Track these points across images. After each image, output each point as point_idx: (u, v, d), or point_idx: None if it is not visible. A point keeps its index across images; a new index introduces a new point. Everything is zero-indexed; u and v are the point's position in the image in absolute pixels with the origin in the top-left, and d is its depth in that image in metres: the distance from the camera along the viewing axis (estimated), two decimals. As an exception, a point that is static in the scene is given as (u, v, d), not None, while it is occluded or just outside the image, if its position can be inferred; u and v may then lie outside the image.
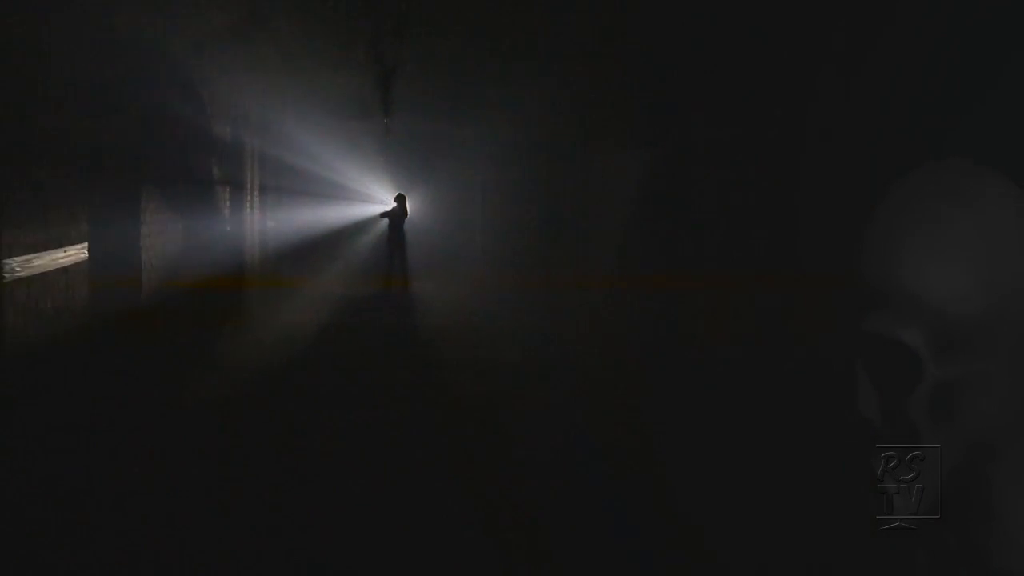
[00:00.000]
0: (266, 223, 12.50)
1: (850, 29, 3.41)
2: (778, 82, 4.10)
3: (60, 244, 4.97)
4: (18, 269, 4.32)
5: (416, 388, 7.79)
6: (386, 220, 17.53)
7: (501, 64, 9.02)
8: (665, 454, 5.07)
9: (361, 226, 20.59)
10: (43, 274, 4.71)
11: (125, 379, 5.97)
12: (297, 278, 14.66)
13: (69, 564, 3.91)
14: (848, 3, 3.49)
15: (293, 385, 7.89)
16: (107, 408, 5.62)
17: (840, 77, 3.44)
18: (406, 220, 17.61)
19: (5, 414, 4.28)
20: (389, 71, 9.36)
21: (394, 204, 17.54)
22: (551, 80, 9.24)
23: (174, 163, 7.72)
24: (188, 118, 8.07)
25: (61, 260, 4.97)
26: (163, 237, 7.21)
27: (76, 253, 5.20)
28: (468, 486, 5.12)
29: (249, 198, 11.24)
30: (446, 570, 4.02)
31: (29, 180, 4.55)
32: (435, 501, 4.83)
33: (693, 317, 5.29)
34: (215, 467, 5.32)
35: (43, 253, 4.71)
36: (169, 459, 5.42)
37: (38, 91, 4.71)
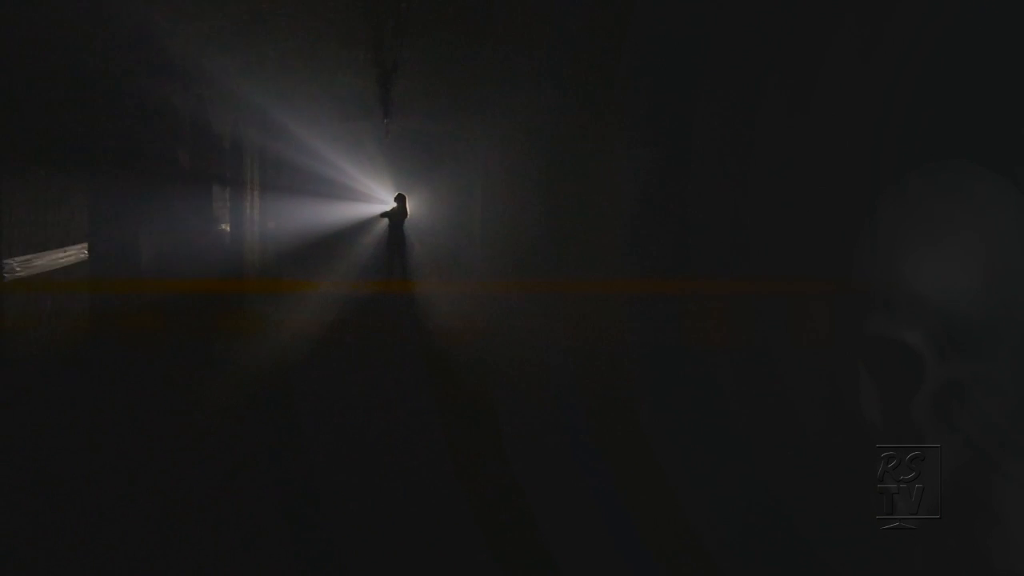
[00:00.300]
0: (267, 223, 12.50)
1: (850, 31, 3.41)
2: (779, 84, 4.10)
3: (60, 244, 4.97)
4: (18, 269, 4.32)
5: (415, 390, 7.78)
6: (386, 220, 17.53)
7: (502, 64, 9.03)
8: (665, 455, 5.07)
9: (361, 226, 20.58)
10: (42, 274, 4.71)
11: (123, 381, 5.97)
12: (296, 281, 14.65)
13: (69, 564, 3.91)
14: (848, 5, 3.49)
15: (291, 387, 7.89)
16: (105, 410, 5.61)
17: (840, 78, 3.44)
18: (406, 220, 17.61)
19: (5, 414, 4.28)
20: (389, 71, 9.35)
21: (394, 204, 17.54)
22: (552, 80, 9.25)
23: (174, 164, 7.72)
24: (189, 118, 8.07)
25: (61, 260, 4.97)
26: (163, 237, 7.21)
27: (76, 253, 5.21)
28: (467, 487, 5.12)
29: (249, 199, 11.24)
30: (445, 571, 4.02)
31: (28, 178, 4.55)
32: (434, 502, 4.83)
33: (694, 319, 5.29)
34: (214, 469, 5.31)
35: (43, 253, 4.71)
36: (168, 462, 5.41)
37: (38, 89, 4.70)
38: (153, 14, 6.58)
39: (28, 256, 4.47)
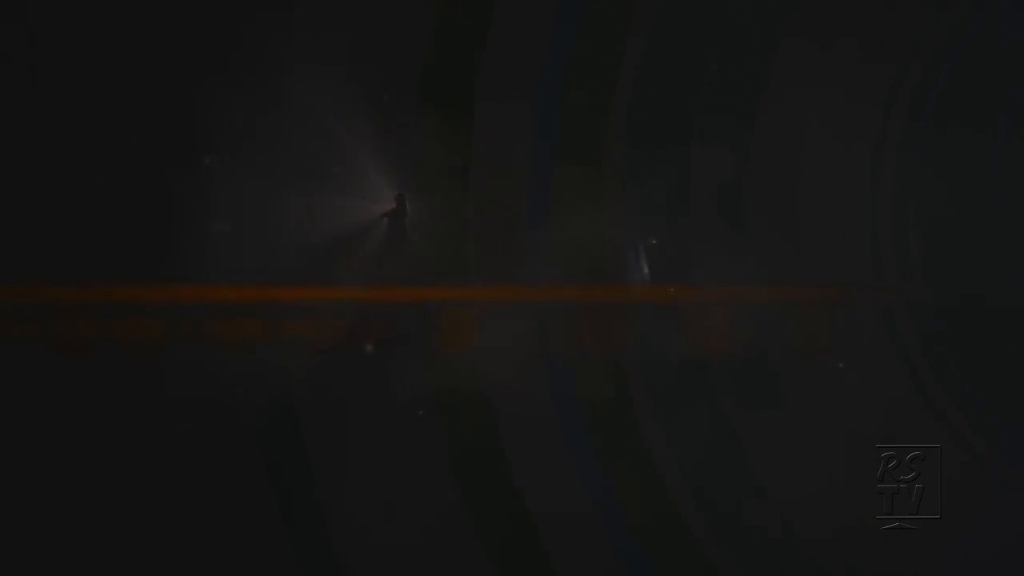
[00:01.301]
0: (266, 224, 12.47)
1: (852, 33, 3.41)
2: (782, 85, 4.10)
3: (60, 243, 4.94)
4: (19, 269, 4.31)
5: (414, 391, 7.75)
6: (386, 220, 17.50)
7: (503, 63, 9.00)
8: (665, 457, 5.07)
9: (360, 227, 20.57)
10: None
11: (122, 385, 5.95)
12: (294, 286, 14.56)
13: (68, 565, 3.90)
14: (850, 8, 3.49)
15: (290, 388, 7.85)
16: (105, 413, 5.60)
17: (843, 80, 3.44)
18: (407, 220, 17.60)
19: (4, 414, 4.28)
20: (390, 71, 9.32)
21: (394, 204, 17.51)
22: (553, 81, 9.22)
23: (171, 164, 7.70)
24: (187, 118, 8.05)
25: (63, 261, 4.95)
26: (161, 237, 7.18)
27: (78, 253, 5.19)
28: (467, 489, 5.11)
29: (248, 198, 11.21)
30: (444, 571, 4.02)
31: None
32: (434, 504, 4.82)
33: (696, 324, 5.29)
34: (213, 471, 5.30)
35: (43, 254, 4.70)
36: (169, 467, 5.40)
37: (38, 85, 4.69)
38: (151, 16, 6.56)
39: (28, 256, 4.46)
